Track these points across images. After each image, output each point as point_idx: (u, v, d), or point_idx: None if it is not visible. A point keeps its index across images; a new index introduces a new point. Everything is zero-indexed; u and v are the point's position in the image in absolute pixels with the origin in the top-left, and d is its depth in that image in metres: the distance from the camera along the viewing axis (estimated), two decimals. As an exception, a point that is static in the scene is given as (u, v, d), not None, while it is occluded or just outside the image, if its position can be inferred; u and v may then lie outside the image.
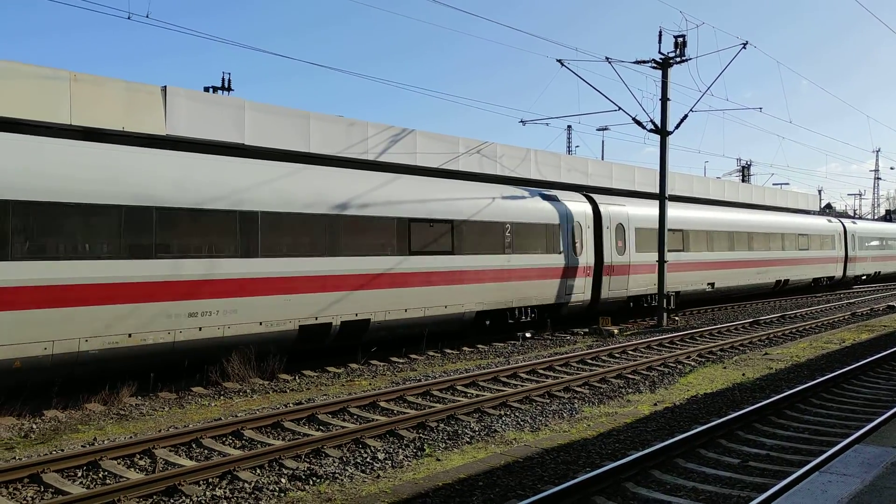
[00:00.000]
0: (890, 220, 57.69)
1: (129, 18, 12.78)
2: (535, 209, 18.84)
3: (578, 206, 20.43)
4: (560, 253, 19.25)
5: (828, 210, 63.90)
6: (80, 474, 7.77)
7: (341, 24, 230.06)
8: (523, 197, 19.02)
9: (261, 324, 12.64)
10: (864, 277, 40.32)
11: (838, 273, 36.23)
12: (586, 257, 20.19)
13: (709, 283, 25.03)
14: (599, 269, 20.74)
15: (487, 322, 17.47)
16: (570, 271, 19.52)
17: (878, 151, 79.46)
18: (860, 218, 49.34)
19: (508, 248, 17.65)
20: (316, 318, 13.58)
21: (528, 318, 18.50)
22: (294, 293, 13.16)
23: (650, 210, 23.14)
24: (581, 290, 19.99)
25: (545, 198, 19.52)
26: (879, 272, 42.26)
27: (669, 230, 22.50)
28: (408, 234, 15.30)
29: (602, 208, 21.21)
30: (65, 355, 10.37)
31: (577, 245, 19.86)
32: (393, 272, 14.91)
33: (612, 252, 21.20)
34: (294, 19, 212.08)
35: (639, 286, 22.40)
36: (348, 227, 14.21)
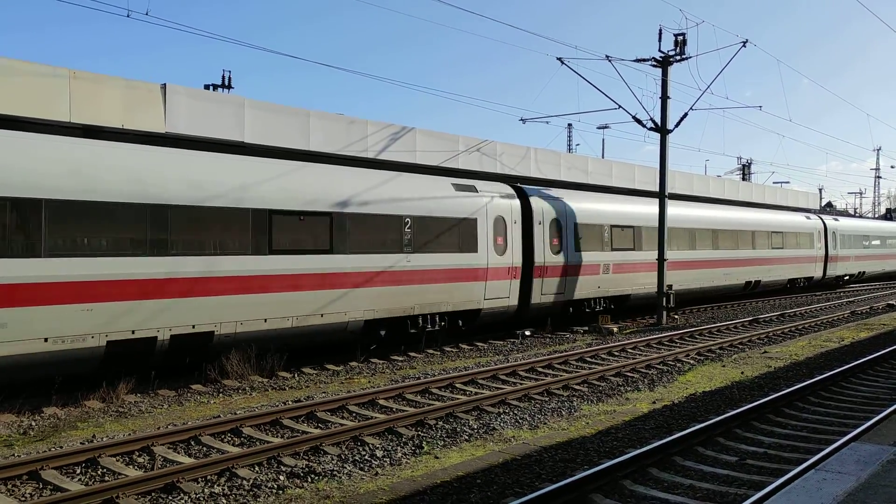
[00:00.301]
0: (890, 219, 57.46)
1: (128, 16, 12.78)
2: (445, 201, 16.37)
3: (502, 199, 17.96)
4: (477, 251, 16.86)
5: (829, 209, 63.91)
6: (78, 471, 7.79)
7: (334, 17, 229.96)
8: (430, 187, 16.52)
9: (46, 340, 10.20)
10: (846, 278, 38.00)
11: (817, 273, 34.21)
12: (512, 257, 17.86)
13: (666, 286, 22.53)
14: (529, 270, 18.48)
15: (382, 332, 15.13)
16: (490, 272, 17.13)
17: (878, 150, 79.51)
18: (844, 215, 47.04)
19: (408, 245, 15.22)
20: (132, 332, 11.07)
21: (437, 327, 16.17)
22: (99, 301, 10.74)
23: (594, 204, 21.27)
24: (504, 293, 17.60)
25: (460, 188, 17.10)
26: (864, 272, 39.91)
27: (618, 226, 21.41)
28: (268, 230, 12.90)
29: (534, 201, 18.94)
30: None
31: (501, 243, 17.51)
32: (246, 275, 12.49)
33: (546, 251, 18.94)
34: (286, 13, 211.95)
35: (580, 289, 20.08)
36: (178, 217, 11.67)
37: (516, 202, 18.37)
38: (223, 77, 24.43)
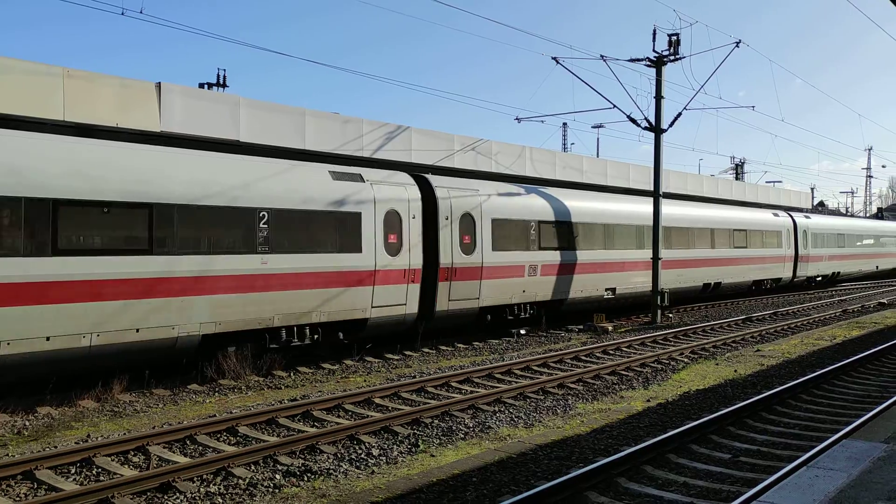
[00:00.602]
0: (881, 219, 57.67)
1: (122, 14, 12.76)
2: (317, 192, 13.79)
3: (396, 190, 15.38)
4: (361, 251, 14.35)
5: (820, 208, 64.19)
6: (73, 471, 7.78)
7: (327, 14, 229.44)
8: (296, 174, 13.81)
9: None
10: (819, 279, 35.75)
11: (786, 274, 32.04)
12: (409, 257, 15.35)
13: (608, 289, 20.97)
14: (434, 272, 16.04)
15: (232, 348, 12.73)
16: (380, 276, 14.66)
17: (870, 150, 79.79)
18: (818, 212, 44.74)
19: (264, 244, 12.72)
20: None
21: (309, 341, 13.77)
22: None
23: (514, 198, 18.67)
24: (399, 300, 15.17)
25: (340, 177, 14.45)
26: (839, 273, 37.49)
27: (550, 223, 19.20)
28: (52, 224, 10.28)
29: (440, 193, 16.36)
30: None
31: (394, 241, 15.03)
32: (18, 281, 9.90)
33: (455, 250, 16.45)
34: (279, 10, 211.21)
35: (498, 294, 17.63)
36: None
37: (415, 194, 15.85)
38: (218, 75, 24.38)
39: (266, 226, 12.84)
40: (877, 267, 43.82)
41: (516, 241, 18.23)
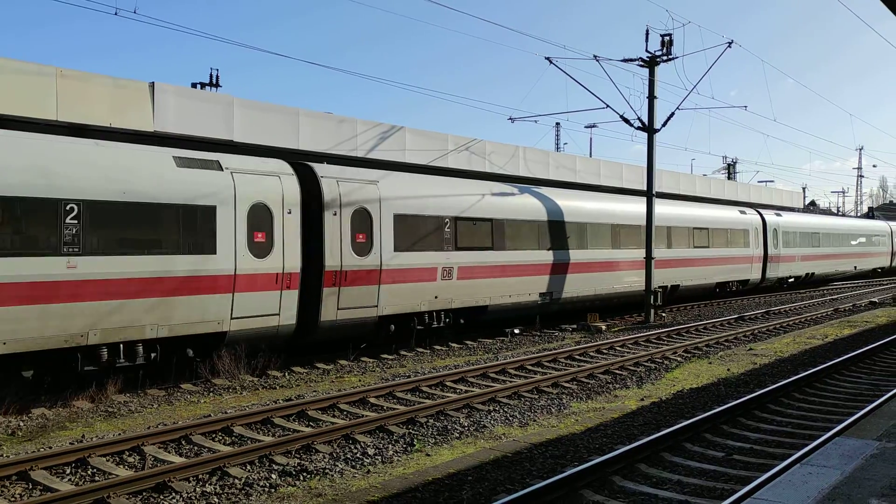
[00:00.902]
0: (872, 218, 57.95)
1: (116, 14, 12.73)
2: (152, 180, 11.62)
3: (266, 181, 13.22)
4: (215, 252, 12.26)
5: (812, 207, 64.55)
6: (68, 472, 7.77)
7: (319, 13, 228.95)
8: (123, 159, 11.55)
9: None
10: (790, 280, 33.61)
11: (754, 276, 30.02)
12: (283, 259, 13.26)
13: (542, 294, 19.09)
14: (319, 276, 13.92)
15: (29, 374, 11.03)
16: (241, 281, 12.58)
17: (861, 149, 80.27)
18: (788, 209, 41.47)
19: (73, 244, 10.55)
20: None
21: (143, 360, 11.65)
22: None
23: (421, 188, 16.39)
24: (269, 309, 13.07)
25: (189, 163, 12.30)
26: (812, 274, 35.30)
27: (468, 219, 17.11)
28: None
29: (326, 185, 14.17)
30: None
31: (262, 240, 13.01)
32: None
33: (345, 251, 14.31)
34: (270, 9, 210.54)
35: (405, 300, 15.46)
36: None
37: (292, 184, 13.68)
38: (211, 75, 24.36)
39: (76, 222, 10.62)
40: (855, 267, 41.30)
41: (425, 240, 15.93)
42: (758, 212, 31.23)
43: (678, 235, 25.13)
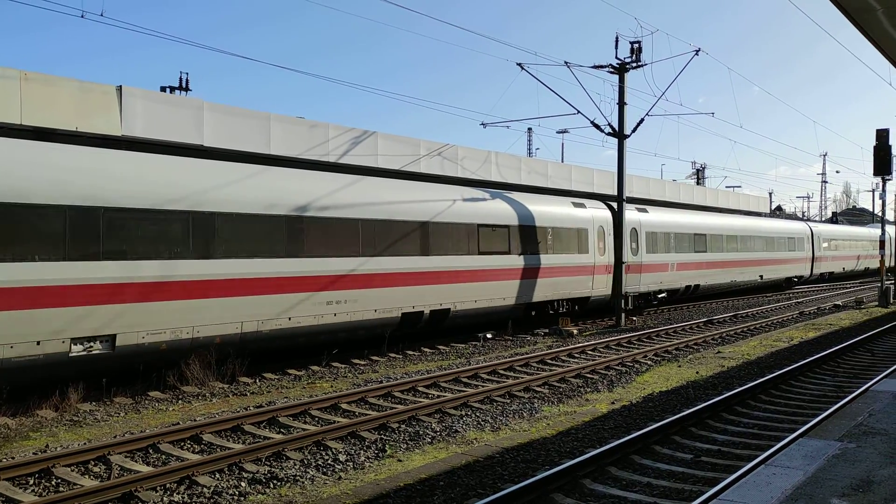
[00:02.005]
0: (835, 223, 59.18)
1: (82, 17, 12.53)
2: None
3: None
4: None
5: (778, 213, 65.75)
6: (31, 482, 7.61)
7: (289, 19, 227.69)
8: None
9: None
10: (662, 296, 26.24)
11: (598, 291, 22.41)
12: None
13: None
14: None
15: None
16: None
17: (825, 155, 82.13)
18: (658, 204, 31.74)
19: None
20: None
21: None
22: None
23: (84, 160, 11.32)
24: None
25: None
26: (697, 286, 28.26)
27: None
28: None
29: None
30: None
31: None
32: None
33: None
34: (239, 14, 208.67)
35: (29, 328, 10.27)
36: None
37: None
38: (181, 79, 23.99)
39: None
40: (761, 277, 33.64)
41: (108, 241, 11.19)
42: (607, 205, 23.83)
43: (451, 237, 17.34)
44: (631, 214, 24.14)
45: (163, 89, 22.15)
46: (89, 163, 11.50)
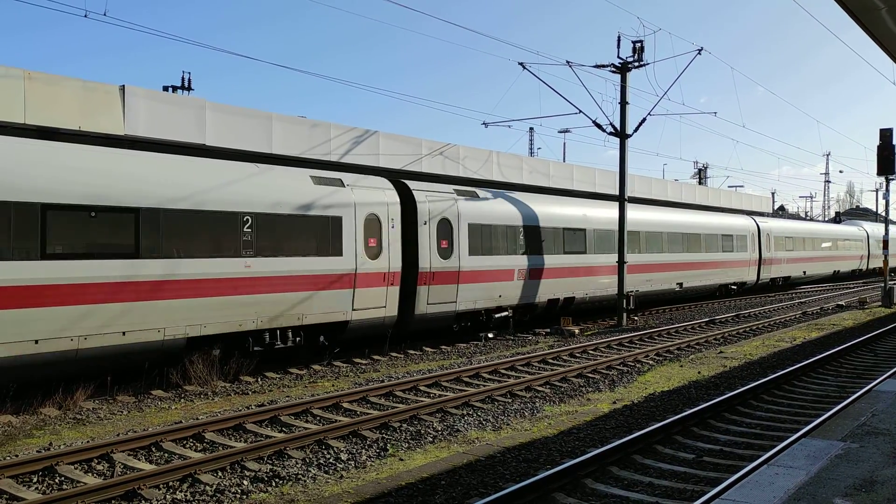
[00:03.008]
0: (839, 223, 58.99)
1: (85, 16, 12.56)
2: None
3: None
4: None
5: (781, 213, 65.65)
6: (35, 480, 7.63)
7: (291, 18, 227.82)
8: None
9: None
10: (501, 315, 18.96)
11: (377, 311, 15.58)
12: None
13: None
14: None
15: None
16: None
17: (828, 155, 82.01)
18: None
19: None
20: None
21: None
22: None
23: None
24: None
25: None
26: (572, 298, 21.21)
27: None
28: None
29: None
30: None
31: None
32: None
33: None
34: (241, 13, 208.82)
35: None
36: None
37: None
38: (183, 78, 24.03)
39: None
40: (679, 285, 26.66)
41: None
42: (397, 185, 16.60)
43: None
44: (430, 201, 17.04)
45: (165, 89, 22.19)
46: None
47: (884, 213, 32.15)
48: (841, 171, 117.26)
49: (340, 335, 15.10)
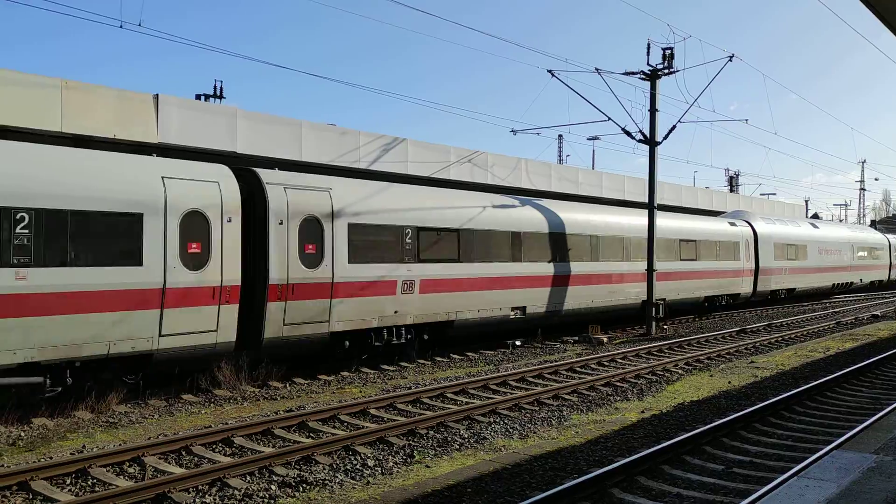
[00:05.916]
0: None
1: (121, 27, 12.86)
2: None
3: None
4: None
5: (812, 220, 64.38)
6: (68, 482, 7.79)
7: (324, 25, 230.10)
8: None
9: None
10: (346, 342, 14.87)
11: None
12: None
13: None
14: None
15: None
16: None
17: (863, 162, 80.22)
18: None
19: None
20: None
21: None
22: None
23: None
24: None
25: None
26: (452, 320, 16.55)
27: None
28: None
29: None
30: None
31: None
32: None
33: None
34: (270, 21, 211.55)
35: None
36: None
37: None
38: (215, 87, 24.50)
39: None
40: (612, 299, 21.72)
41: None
42: (242, 173, 13.11)
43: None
44: (276, 190, 13.05)
45: (198, 97, 22.59)
46: None
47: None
48: (877, 179, 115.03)
49: (143, 369, 11.68)
